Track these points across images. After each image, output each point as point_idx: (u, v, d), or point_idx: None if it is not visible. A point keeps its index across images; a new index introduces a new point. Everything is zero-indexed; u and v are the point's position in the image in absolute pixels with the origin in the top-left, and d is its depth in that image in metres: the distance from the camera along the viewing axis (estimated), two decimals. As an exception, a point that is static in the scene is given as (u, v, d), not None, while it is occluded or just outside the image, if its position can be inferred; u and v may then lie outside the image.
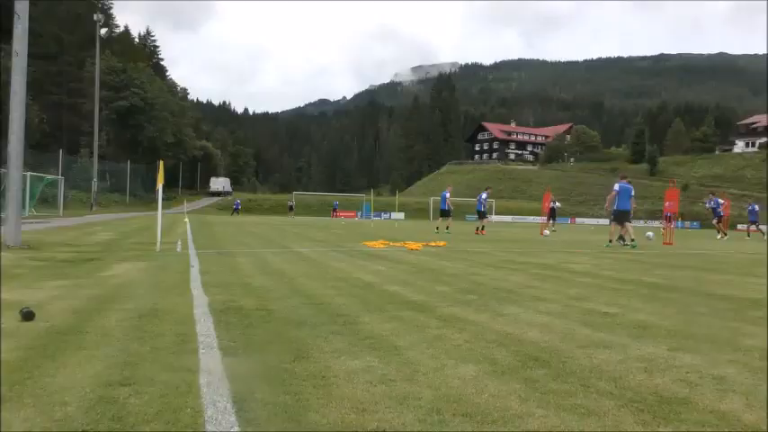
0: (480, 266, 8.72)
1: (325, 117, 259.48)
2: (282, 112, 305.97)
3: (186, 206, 46.45)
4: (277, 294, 5.37)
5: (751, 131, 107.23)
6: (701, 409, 2.45)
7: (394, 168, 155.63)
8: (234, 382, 2.65)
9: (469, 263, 9.28)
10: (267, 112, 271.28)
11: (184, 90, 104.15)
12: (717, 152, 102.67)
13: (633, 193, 15.45)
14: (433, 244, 13.84)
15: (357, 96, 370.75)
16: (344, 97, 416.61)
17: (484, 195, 22.39)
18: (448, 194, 22.70)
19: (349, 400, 2.43)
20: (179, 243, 11.43)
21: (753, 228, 28.37)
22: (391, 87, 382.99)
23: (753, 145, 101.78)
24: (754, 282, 7.58)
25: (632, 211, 15.48)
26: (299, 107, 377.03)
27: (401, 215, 63.69)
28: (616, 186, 15.45)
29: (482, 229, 21.43)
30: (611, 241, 15.44)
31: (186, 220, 24.90)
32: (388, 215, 63.57)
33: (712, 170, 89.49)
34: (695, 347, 3.61)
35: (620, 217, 15.37)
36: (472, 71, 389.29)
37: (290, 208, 57.93)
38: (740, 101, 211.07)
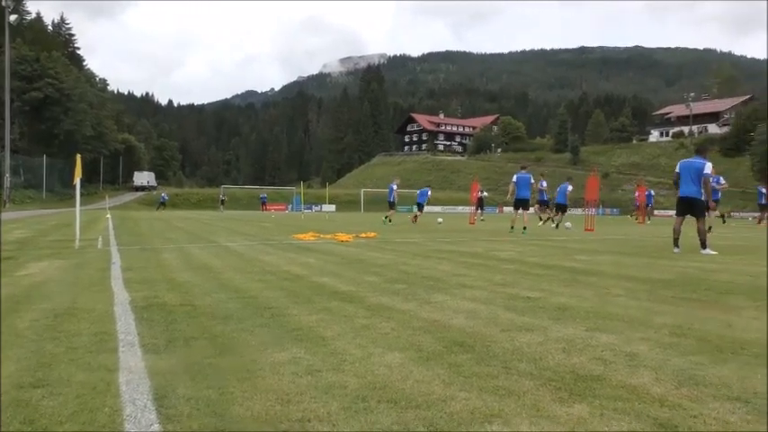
0: (409, 256, 8.82)
1: (254, 109, 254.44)
2: (209, 104, 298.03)
3: (108, 201, 44.76)
4: (203, 289, 5.26)
5: (665, 122, 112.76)
6: (614, 384, 2.57)
7: (324, 160, 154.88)
8: (155, 379, 2.58)
9: (399, 253, 9.36)
10: (193, 104, 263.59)
11: (104, 81, 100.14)
12: (634, 141, 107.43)
13: (532, 181, 16.87)
14: (364, 235, 13.88)
15: (286, 88, 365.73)
16: (273, 89, 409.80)
17: (429, 192, 24.76)
18: (395, 186, 23.59)
19: (274, 392, 2.41)
20: (100, 239, 11.00)
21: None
22: (320, 78, 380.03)
23: (667, 134, 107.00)
24: (667, 264, 7.99)
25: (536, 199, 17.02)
26: (227, 98, 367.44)
27: (332, 207, 63.53)
28: (514, 177, 16.73)
29: (416, 218, 23.39)
30: (525, 228, 16.19)
31: (108, 215, 23.98)
32: (319, 207, 63.28)
33: (630, 159, 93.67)
34: (611, 327, 3.77)
35: (519, 204, 16.61)
36: (401, 62, 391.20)
37: (222, 202, 56.75)
38: (655, 92, 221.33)
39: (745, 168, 67.64)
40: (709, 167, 10.07)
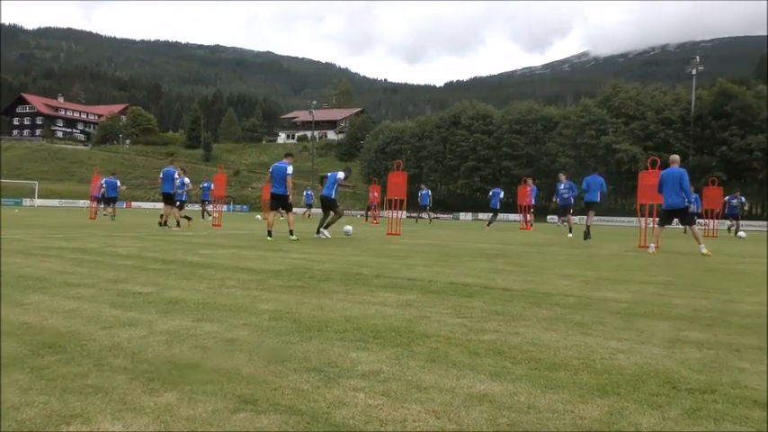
0: (8, 254, 7.74)
1: None
2: None
3: None
4: None
5: (292, 125, 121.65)
6: (208, 369, 2.66)
7: None
8: None
9: (-6, 251, 8.14)
10: None
11: None
12: (264, 142, 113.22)
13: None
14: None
15: None
16: None
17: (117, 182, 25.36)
18: (118, 182, 25.15)
19: None
20: None
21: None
22: None
23: (293, 137, 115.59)
24: (282, 256, 8.62)
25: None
26: None
27: None
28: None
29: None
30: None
31: None
32: None
33: (260, 158, 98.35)
34: (217, 317, 3.90)
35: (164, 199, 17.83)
36: (11, 34, 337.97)
37: None
38: (284, 97, 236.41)
39: (356, 171, 77.19)
40: (339, 175, 13.75)
